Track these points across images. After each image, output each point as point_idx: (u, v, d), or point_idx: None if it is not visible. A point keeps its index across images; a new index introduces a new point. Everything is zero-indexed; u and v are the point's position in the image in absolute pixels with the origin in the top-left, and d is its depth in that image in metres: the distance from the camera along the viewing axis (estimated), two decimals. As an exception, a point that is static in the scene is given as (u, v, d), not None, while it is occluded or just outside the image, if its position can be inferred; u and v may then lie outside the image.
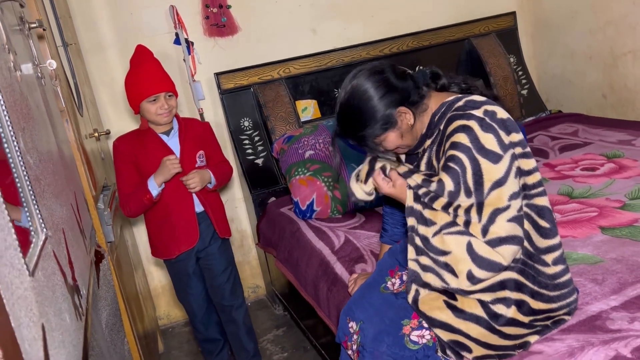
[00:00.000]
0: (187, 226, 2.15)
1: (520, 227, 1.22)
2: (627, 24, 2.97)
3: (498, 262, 1.19)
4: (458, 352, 1.29)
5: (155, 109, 2.02)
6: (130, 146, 2.07)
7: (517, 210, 1.22)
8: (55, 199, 0.96)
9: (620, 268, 1.52)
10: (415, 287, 1.33)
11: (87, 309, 1.01)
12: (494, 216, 1.20)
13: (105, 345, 1.36)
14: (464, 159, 1.22)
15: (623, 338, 1.20)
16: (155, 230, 2.18)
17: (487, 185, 1.20)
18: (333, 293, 1.90)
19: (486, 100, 1.30)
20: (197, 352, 2.78)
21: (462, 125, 1.24)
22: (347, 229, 2.28)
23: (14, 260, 0.56)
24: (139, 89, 2.01)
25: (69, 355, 0.71)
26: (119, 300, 1.70)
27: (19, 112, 0.82)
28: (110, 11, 2.76)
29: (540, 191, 1.27)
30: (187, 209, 2.14)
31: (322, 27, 3.17)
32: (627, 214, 1.87)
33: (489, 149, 1.22)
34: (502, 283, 1.26)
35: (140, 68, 2.04)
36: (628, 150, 2.51)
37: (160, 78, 2.04)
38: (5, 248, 0.55)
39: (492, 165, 1.21)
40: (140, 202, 2.02)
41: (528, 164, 1.26)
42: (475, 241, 1.21)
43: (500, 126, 1.24)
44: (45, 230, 0.77)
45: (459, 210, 1.23)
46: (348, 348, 1.56)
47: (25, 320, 0.55)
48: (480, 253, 1.20)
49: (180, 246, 2.16)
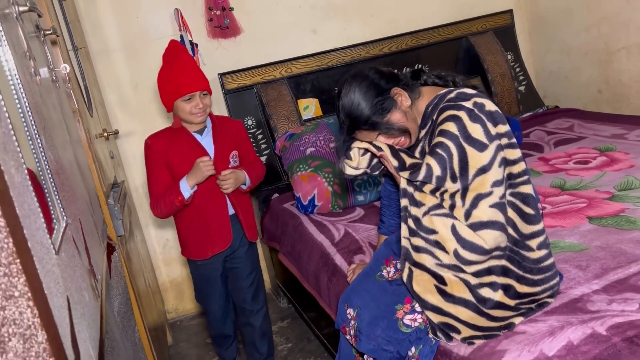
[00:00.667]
0: (221, 228, 2.09)
1: (502, 213, 1.30)
2: (620, 20, 3.04)
3: (480, 245, 1.28)
4: (447, 334, 1.37)
5: (190, 108, 1.94)
6: (163, 145, 2.01)
7: (500, 197, 1.30)
8: (72, 192, 1.05)
9: (604, 255, 1.60)
10: (409, 266, 1.41)
11: (102, 292, 1.10)
12: (476, 201, 1.29)
13: (118, 331, 1.46)
14: (451, 146, 1.31)
15: (600, 317, 1.28)
16: (187, 231, 2.12)
17: (471, 172, 1.29)
18: (333, 283, 1.99)
19: (476, 93, 1.38)
20: (205, 344, 2.88)
21: (451, 115, 1.33)
22: (347, 222, 2.37)
23: (43, 240, 0.65)
24: (174, 87, 1.93)
25: (89, 327, 0.80)
26: (129, 290, 1.80)
27: (39, 113, 0.91)
28: (117, 15, 2.85)
29: (525, 179, 1.35)
30: (220, 210, 2.08)
31: (323, 27, 3.25)
32: (615, 204, 1.95)
33: (476, 138, 1.30)
34: (489, 269, 1.34)
35: (175, 65, 1.95)
36: (620, 144, 2.59)
37: (195, 76, 1.96)
38: (36, 229, 0.64)
39: (478, 153, 1.30)
40: (172, 204, 1.97)
41: (513, 154, 1.35)
42: (458, 224, 1.30)
43: (488, 117, 1.33)
44: (65, 218, 0.86)
45: (445, 194, 1.32)
46: (346, 333, 1.65)
47: (54, 290, 0.64)
48: (463, 235, 1.29)
49: (213, 248, 2.10)
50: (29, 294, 0.53)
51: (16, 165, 0.61)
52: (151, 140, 2.03)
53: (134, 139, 2.94)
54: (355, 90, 1.43)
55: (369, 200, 2.55)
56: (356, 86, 1.43)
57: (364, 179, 2.54)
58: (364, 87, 1.43)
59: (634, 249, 1.59)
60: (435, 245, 1.34)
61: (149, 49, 2.91)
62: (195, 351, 2.85)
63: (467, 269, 1.33)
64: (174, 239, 3.12)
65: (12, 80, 0.76)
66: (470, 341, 1.33)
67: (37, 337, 0.54)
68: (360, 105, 1.42)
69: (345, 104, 1.45)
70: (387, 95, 1.43)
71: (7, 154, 0.58)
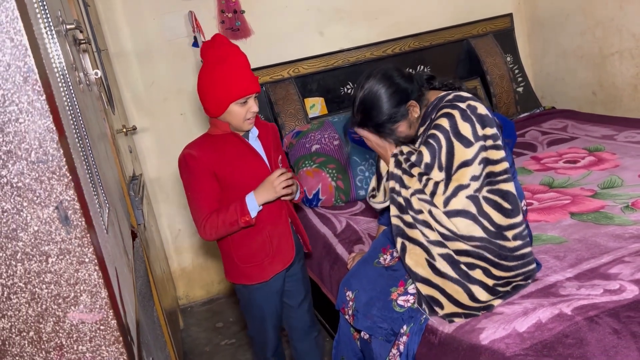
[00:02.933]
0: (284, 240, 1.84)
1: (475, 206, 1.48)
2: (614, 26, 3.18)
3: (453, 231, 1.46)
4: (432, 307, 1.54)
5: (245, 113, 1.70)
6: (210, 154, 1.72)
7: (474, 190, 1.48)
8: (108, 184, 1.22)
9: (580, 247, 1.76)
10: (401, 240, 1.58)
11: (132, 268, 1.28)
12: (457, 191, 1.47)
13: (141, 309, 1.64)
14: (442, 139, 1.49)
15: (568, 300, 1.44)
16: (240, 251, 1.81)
17: (456, 164, 1.47)
18: (334, 270, 2.16)
19: (471, 97, 1.56)
20: (215, 328, 3.06)
21: (446, 112, 1.51)
22: (349, 215, 2.54)
23: (99, 221, 0.82)
24: (229, 89, 1.66)
25: (130, 293, 0.97)
26: (148, 273, 1.98)
27: (85, 116, 1.08)
28: (134, 17, 3.02)
29: (505, 178, 1.51)
30: (282, 220, 1.84)
31: (329, 29, 3.41)
32: (596, 201, 2.10)
33: (464, 135, 1.48)
34: (468, 252, 1.51)
35: (227, 63, 1.67)
36: (609, 145, 2.74)
37: (251, 75, 1.71)
38: (94, 212, 0.81)
39: (464, 148, 1.47)
40: (234, 224, 1.69)
41: (496, 155, 1.51)
42: (434, 210, 1.48)
43: (478, 119, 1.50)
44: (107, 205, 1.03)
45: (430, 182, 1.50)
46: (345, 314, 1.82)
47: (109, 260, 0.81)
48: (439, 219, 1.47)
49: (276, 265, 1.83)
50: (95, 260, 0.70)
51: (79, 162, 0.78)
52: (196, 151, 1.72)
53: (148, 135, 3.13)
54: (380, 92, 1.57)
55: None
56: (382, 88, 1.57)
57: (365, 174, 2.70)
58: (390, 92, 1.57)
59: (607, 241, 1.75)
60: (423, 223, 1.51)
61: (163, 50, 3.09)
62: (205, 334, 3.04)
63: (449, 245, 1.51)
64: (185, 229, 3.30)
65: (68, 92, 0.93)
66: (451, 319, 1.50)
67: (101, 293, 0.71)
68: (380, 108, 1.57)
69: (366, 100, 1.58)
70: (404, 105, 1.58)
71: (76, 153, 0.75)
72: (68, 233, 0.68)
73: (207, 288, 3.44)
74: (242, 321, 3.07)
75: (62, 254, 0.68)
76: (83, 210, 0.69)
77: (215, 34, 1.75)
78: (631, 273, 1.53)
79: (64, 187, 0.67)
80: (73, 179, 0.68)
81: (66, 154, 0.67)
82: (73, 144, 0.77)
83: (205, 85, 1.70)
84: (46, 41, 0.83)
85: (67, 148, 0.69)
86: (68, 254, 0.69)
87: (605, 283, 1.50)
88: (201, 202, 1.72)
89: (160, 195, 3.23)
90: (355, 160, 2.71)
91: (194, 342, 2.97)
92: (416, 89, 1.62)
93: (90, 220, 0.72)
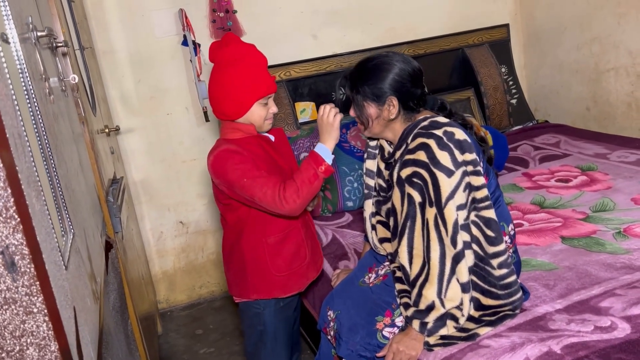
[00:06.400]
0: (313, 243, 1.77)
1: (468, 234, 1.43)
2: (611, 42, 3.14)
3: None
4: None
5: (266, 113, 1.63)
6: (247, 153, 1.60)
7: (464, 219, 1.42)
8: (78, 201, 1.15)
9: (571, 275, 1.71)
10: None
11: (100, 293, 1.21)
12: (456, 227, 1.40)
13: (113, 324, 1.56)
14: (424, 174, 1.42)
15: (558, 337, 1.39)
16: (279, 258, 1.69)
17: (444, 196, 1.40)
18: (318, 286, 2.09)
19: (448, 122, 1.49)
20: (194, 335, 2.99)
21: (421, 143, 1.44)
22: (335, 227, 2.47)
23: (56, 259, 0.75)
24: (252, 87, 1.58)
25: (91, 331, 0.90)
26: (124, 286, 1.90)
27: (52, 133, 1.01)
28: (123, 14, 2.93)
29: (487, 205, 1.46)
30: (307, 221, 1.76)
31: (323, 33, 3.34)
32: (588, 225, 2.06)
33: (444, 165, 1.41)
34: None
35: (248, 61, 1.60)
36: (602, 164, 2.69)
37: (270, 74, 1.64)
38: (51, 249, 0.74)
39: (447, 178, 1.40)
40: (313, 178, 1.53)
41: (477, 181, 1.45)
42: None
43: (456, 145, 1.44)
44: (72, 230, 0.95)
45: (430, 223, 1.42)
46: (327, 334, 1.76)
47: (64, 303, 0.74)
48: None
49: (311, 272, 1.76)
50: (45, 310, 0.63)
51: (36, 195, 0.71)
52: (233, 147, 1.60)
53: (133, 135, 3.04)
54: (391, 66, 1.50)
55: (358, 206, 2.65)
56: (396, 65, 1.50)
57: (354, 185, 2.64)
58: (395, 73, 1.50)
59: (598, 271, 1.70)
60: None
61: (152, 47, 3.00)
62: (183, 341, 2.96)
63: None
64: (167, 231, 3.22)
65: (32, 109, 0.86)
66: (429, 348, 1.45)
67: (51, 346, 0.64)
68: (376, 76, 1.50)
69: (375, 60, 1.52)
70: (389, 96, 1.51)
71: (30, 186, 0.68)
72: (14, 281, 0.61)
73: (189, 292, 3.37)
74: (222, 328, 3.00)
75: (6, 304, 0.61)
76: (33, 255, 0.61)
77: (226, 33, 1.68)
78: (622, 308, 1.48)
79: (11, 231, 0.60)
80: (22, 221, 0.60)
81: (15, 192, 0.60)
82: (28, 174, 0.70)
83: (225, 85, 1.59)
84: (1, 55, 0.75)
85: (16, 185, 0.61)
86: (14, 304, 0.61)
87: (596, 319, 1.44)
88: (266, 179, 1.54)
89: (143, 197, 3.15)
90: (344, 171, 2.65)
91: (171, 349, 2.90)
92: (414, 99, 1.54)
93: (41, 264, 0.65)
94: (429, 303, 1.43)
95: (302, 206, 1.54)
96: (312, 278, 1.77)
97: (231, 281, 1.79)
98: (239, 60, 1.59)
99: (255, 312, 1.76)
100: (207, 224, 3.30)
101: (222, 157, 1.58)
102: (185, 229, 3.27)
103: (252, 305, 1.76)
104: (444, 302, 1.42)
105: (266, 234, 1.67)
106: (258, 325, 1.77)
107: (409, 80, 1.53)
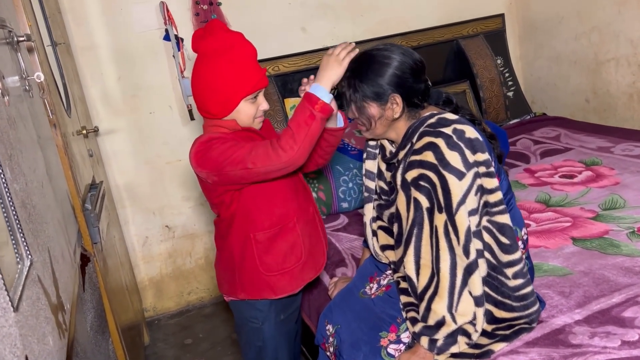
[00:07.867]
0: (314, 240, 1.62)
1: (480, 241, 1.30)
2: (611, 31, 3.03)
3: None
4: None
5: (255, 111, 1.48)
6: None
7: (476, 225, 1.29)
8: (41, 217, 1.00)
9: (587, 281, 1.58)
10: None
11: (70, 323, 1.06)
12: (469, 234, 1.27)
13: (90, 346, 1.42)
14: (432, 176, 1.28)
15: (582, 354, 1.27)
16: (268, 256, 1.54)
17: (455, 201, 1.26)
18: (314, 295, 1.96)
19: (457, 119, 1.35)
20: (183, 344, 2.84)
21: (429, 143, 1.30)
22: (330, 230, 2.34)
23: (2, 304, 0.61)
24: (239, 82, 1.42)
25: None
26: (104, 301, 1.75)
27: (6, 140, 0.86)
28: (101, 7, 2.76)
29: (501, 209, 1.33)
30: (310, 215, 1.61)
31: (312, 25, 3.19)
32: (599, 224, 1.94)
33: (454, 166, 1.27)
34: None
35: (235, 52, 1.42)
36: (606, 158, 2.58)
37: (260, 67, 1.47)
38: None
39: (457, 181, 1.27)
40: (309, 119, 1.33)
41: (490, 183, 1.32)
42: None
43: (467, 145, 1.30)
44: (30, 257, 0.81)
45: (439, 230, 1.28)
46: (326, 350, 1.62)
47: (10, 356, 0.60)
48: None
49: (307, 272, 1.61)
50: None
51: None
52: (216, 134, 1.47)
53: (113, 135, 2.88)
54: (390, 60, 1.35)
55: (353, 207, 2.52)
56: (395, 58, 1.35)
57: (348, 185, 2.51)
58: (395, 67, 1.35)
59: (616, 276, 1.59)
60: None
61: (133, 43, 2.84)
62: (172, 352, 2.82)
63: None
64: (153, 236, 3.07)
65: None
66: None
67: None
68: (375, 72, 1.36)
69: (373, 53, 1.38)
70: (391, 93, 1.37)
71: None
72: None
73: (177, 299, 3.22)
74: (213, 338, 2.86)
75: None
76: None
77: (211, 20, 1.47)
78: (648, 318, 1.36)
79: None
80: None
81: None
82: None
83: (208, 80, 1.42)
84: None
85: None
86: None
87: (622, 332, 1.32)
88: (253, 144, 1.40)
89: (127, 201, 2.99)
90: (338, 170, 2.51)
91: (159, 361, 2.75)
92: (418, 94, 1.40)
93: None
94: (439, 318, 1.30)
95: (303, 153, 1.35)
96: (309, 280, 1.63)
97: (220, 278, 1.66)
98: (225, 51, 1.41)
99: (253, 327, 1.62)
100: (194, 228, 3.15)
101: (203, 146, 1.43)
102: (171, 233, 3.12)
103: (249, 320, 1.61)
104: (455, 317, 1.29)
105: (256, 230, 1.52)
106: (256, 342, 1.63)
107: (411, 74, 1.38)
